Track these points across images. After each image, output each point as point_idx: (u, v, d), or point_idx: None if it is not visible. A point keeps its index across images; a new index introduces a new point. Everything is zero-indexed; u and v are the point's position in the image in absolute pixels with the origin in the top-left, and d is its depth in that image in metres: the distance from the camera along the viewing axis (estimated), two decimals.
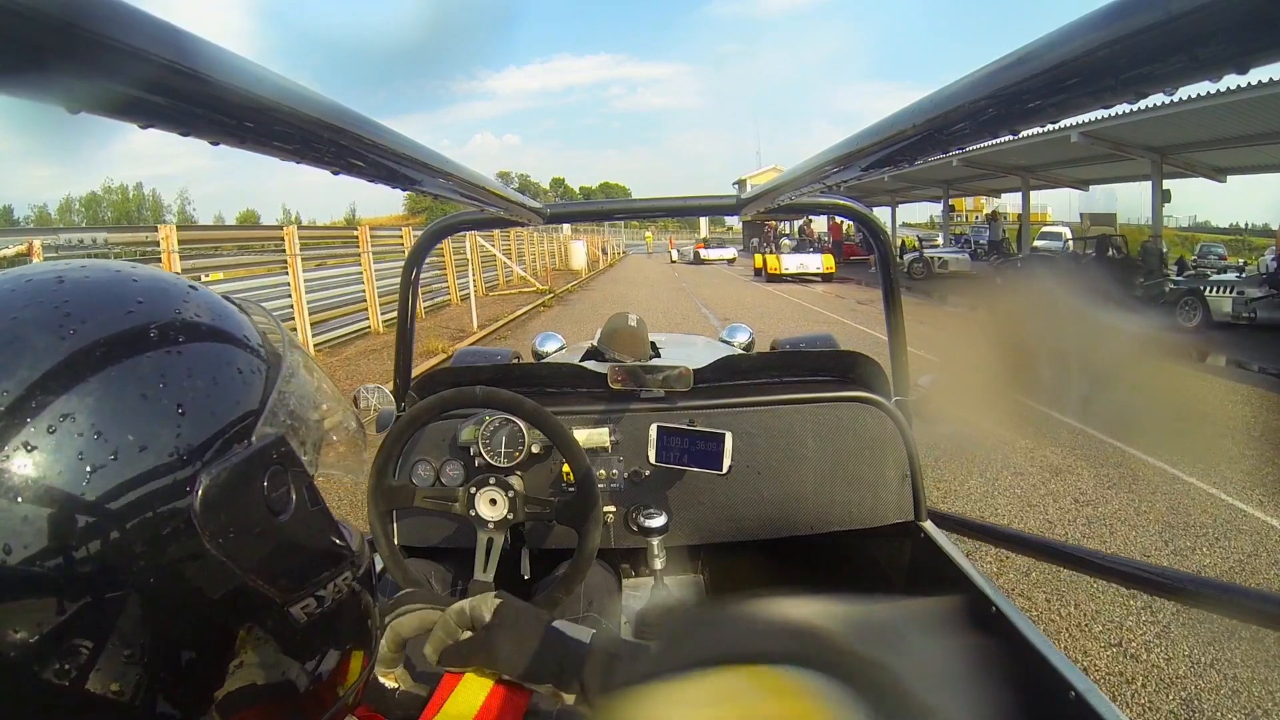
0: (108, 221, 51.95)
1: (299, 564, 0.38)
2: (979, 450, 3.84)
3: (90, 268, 0.38)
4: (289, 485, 0.38)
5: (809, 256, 18.08)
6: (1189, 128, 9.98)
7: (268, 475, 0.37)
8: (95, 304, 0.35)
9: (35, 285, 0.35)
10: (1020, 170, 15.75)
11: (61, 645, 0.30)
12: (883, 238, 1.41)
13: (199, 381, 0.36)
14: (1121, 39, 0.25)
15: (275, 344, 0.42)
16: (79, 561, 0.30)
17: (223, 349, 0.38)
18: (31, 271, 0.37)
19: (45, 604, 0.30)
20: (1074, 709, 0.77)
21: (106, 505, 0.31)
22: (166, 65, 0.27)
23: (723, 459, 1.23)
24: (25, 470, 0.30)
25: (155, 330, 0.35)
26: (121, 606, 0.31)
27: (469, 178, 0.67)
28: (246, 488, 0.35)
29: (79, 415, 0.32)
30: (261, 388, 0.39)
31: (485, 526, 1.08)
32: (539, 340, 2.54)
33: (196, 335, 0.37)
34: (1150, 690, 1.98)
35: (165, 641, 0.33)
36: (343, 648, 0.42)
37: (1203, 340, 7.97)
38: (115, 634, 0.31)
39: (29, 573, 0.29)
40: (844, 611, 0.41)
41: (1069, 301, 0.52)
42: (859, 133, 0.53)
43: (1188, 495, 3.33)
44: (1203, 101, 8.59)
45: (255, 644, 0.36)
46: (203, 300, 0.40)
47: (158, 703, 0.33)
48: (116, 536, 0.31)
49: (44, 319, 0.33)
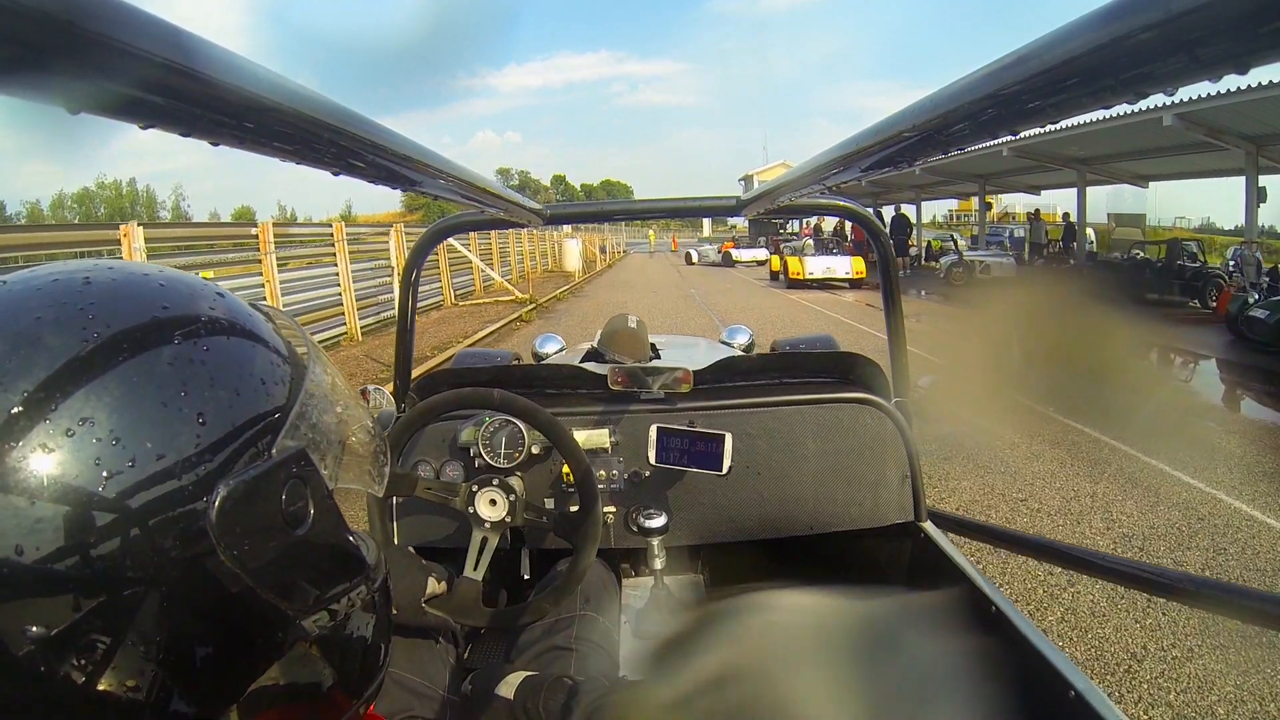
0: (101, 218, 51.70)
1: (314, 577, 0.38)
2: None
3: (118, 269, 0.38)
4: (307, 499, 0.37)
5: (836, 259, 15.72)
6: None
7: (286, 488, 0.36)
8: (119, 307, 0.35)
9: (61, 285, 0.35)
10: (1077, 163, 13.78)
11: (72, 647, 0.30)
12: (882, 239, 1.41)
13: (221, 391, 0.35)
14: (1121, 39, 0.25)
15: (300, 354, 0.42)
16: (91, 565, 0.30)
17: (247, 359, 0.38)
18: (60, 270, 0.37)
19: (56, 605, 0.30)
20: (1074, 709, 0.77)
21: (121, 512, 0.31)
22: (166, 65, 0.27)
23: (723, 460, 1.24)
24: (41, 471, 0.30)
25: (179, 337, 0.35)
26: (133, 611, 0.31)
27: (469, 178, 0.67)
28: (264, 500, 0.35)
29: (98, 420, 0.31)
30: (285, 399, 0.38)
31: (482, 525, 1.08)
32: (539, 342, 2.55)
33: (220, 344, 0.37)
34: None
35: (177, 648, 0.33)
36: (355, 658, 0.42)
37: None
38: (127, 637, 0.31)
39: (40, 573, 0.29)
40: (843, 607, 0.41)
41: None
42: (859, 133, 0.53)
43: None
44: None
45: (268, 653, 0.36)
46: (229, 307, 0.39)
47: (171, 706, 0.33)
48: (130, 543, 0.31)
49: (67, 320, 0.33)
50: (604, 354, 1.94)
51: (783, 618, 0.41)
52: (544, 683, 0.81)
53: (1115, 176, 14.45)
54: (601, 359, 1.93)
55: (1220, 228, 31.03)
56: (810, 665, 0.38)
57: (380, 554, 0.45)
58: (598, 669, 1.04)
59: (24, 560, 0.29)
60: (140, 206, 64.85)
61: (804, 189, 0.78)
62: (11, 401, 0.30)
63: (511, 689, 0.82)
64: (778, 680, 0.37)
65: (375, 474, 0.46)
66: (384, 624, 0.45)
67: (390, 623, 0.47)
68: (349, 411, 0.44)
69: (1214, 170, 12.15)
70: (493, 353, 2.75)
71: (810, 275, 15.41)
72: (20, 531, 0.29)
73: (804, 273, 15.51)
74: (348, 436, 0.43)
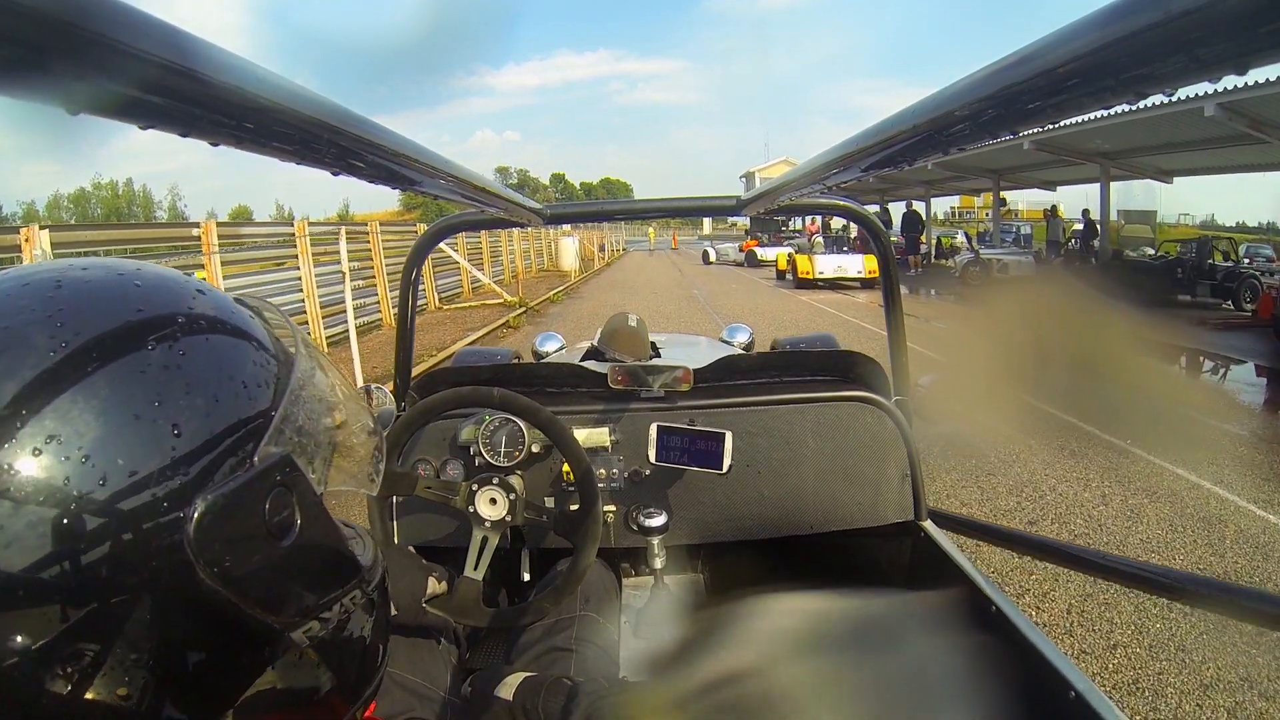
0: (97, 218, 51.44)
1: (304, 586, 0.36)
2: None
3: (93, 269, 0.36)
4: (294, 507, 0.35)
5: (847, 257, 14.64)
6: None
7: (270, 498, 0.34)
8: (91, 312, 0.33)
9: (31, 290, 0.34)
10: (1101, 157, 12.86)
11: (49, 662, 0.29)
12: (882, 238, 1.41)
13: (198, 399, 0.33)
14: (1121, 39, 0.25)
15: (287, 350, 0.40)
16: (64, 583, 0.29)
17: (226, 362, 0.36)
18: (32, 273, 0.35)
19: (27, 621, 0.29)
20: (1074, 709, 0.77)
21: (93, 533, 0.30)
22: (166, 65, 0.27)
23: (723, 459, 1.24)
24: (8, 492, 0.28)
25: (153, 342, 0.33)
26: (112, 627, 0.30)
27: (469, 178, 0.67)
28: (246, 513, 0.33)
29: (65, 437, 0.30)
30: (268, 403, 0.36)
31: (482, 525, 1.08)
32: (539, 340, 2.55)
33: (198, 347, 0.35)
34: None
35: (161, 662, 0.32)
36: (353, 661, 0.41)
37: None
38: (106, 652, 0.30)
39: (7, 592, 0.28)
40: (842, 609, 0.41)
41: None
42: (860, 133, 0.53)
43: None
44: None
45: (258, 663, 0.35)
46: (210, 306, 0.37)
47: (161, 716, 0.32)
48: (104, 561, 0.30)
49: (34, 328, 0.32)
50: (604, 352, 1.94)
51: (782, 620, 0.41)
52: (544, 683, 0.81)
53: (1139, 171, 13.67)
54: (601, 357, 1.93)
55: (1222, 224, 30.82)
56: (810, 667, 0.38)
57: (377, 552, 0.44)
58: (598, 670, 1.04)
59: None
60: (137, 207, 64.73)
61: (805, 188, 0.77)
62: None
63: (511, 690, 0.82)
64: (777, 681, 0.37)
65: (370, 474, 0.44)
66: (381, 625, 0.44)
67: (388, 623, 0.46)
68: (342, 410, 0.42)
69: (1247, 165, 11.41)
70: (493, 351, 2.76)
71: (820, 275, 14.61)
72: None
73: (814, 272, 14.71)
74: (339, 437, 0.41)
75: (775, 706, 0.36)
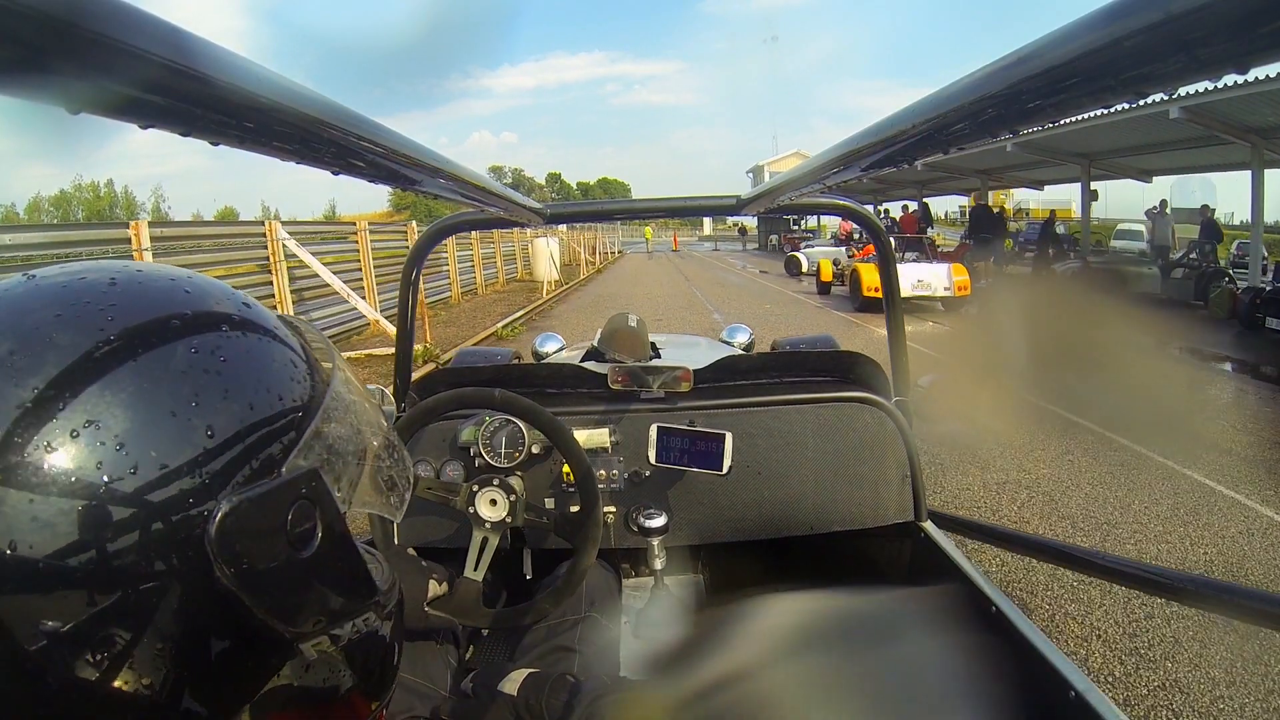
0: (80, 221, 50.98)
1: (317, 602, 0.37)
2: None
3: (147, 272, 0.37)
4: (316, 520, 0.36)
5: (929, 268, 10.31)
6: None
7: (294, 508, 0.35)
8: (140, 310, 0.35)
9: (88, 284, 0.35)
10: (1081, 158, 13.06)
11: (60, 650, 0.29)
12: (883, 239, 1.41)
13: (234, 405, 0.35)
14: (1121, 39, 0.25)
15: (324, 370, 0.41)
16: (86, 567, 0.30)
17: (265, 373, 0.37)
18: (91, 269, 0.37)
19: (48, 602, 0.29)
20: (1074, 709, 0.77)
21: (119, 517, 0.30)
22: (166, 65, 0.27)
23: (723, 459, 1.24)
24: (42, 469, 0.30)
25: (196, 346, 0.35)
26: (125, 619, 0.31)
27: (468, 178, 0.67)
28: (268, 519, 0.34)
29: (104, 422, 0.31)
30: (300, 417, 0.37)
31: (482, 526, 1.08)
32: (539, 341, 2.55)
33: (239, 357, 0.36)
34: None
35: (178, 655, 0.32)
36: (374, 663, 0.41)
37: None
38: (124, 640, 0.31)
39: (28, 570, 0.29)
40: (843, 610, 0.41)
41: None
42: (860, 132, 0.53)
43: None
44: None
45: (272, 662, 0.36)
46: (254, 319, 0.39)
47: (181, 705, 0.32)
48: (125, 550, 0.30)
49: (85, 319, 0.33)
50: (604, 353, 1.94)
51: (782, 621, 0.41)
52: (548, 680, 0.81)
53: (1120, 171, 13.92)
54: (602, 358, 1.93)
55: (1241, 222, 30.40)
56: (810, 667, 0.38)
57: (394, 575, 0.44)
58: (601, 669, 1.04)
59: (15, 556, 0.29)
60: (119, 209, 64.16)
61: (804, 188, 0.78)
62: (20, 397, 0.30)
63: (515, 685, 0.83)
64: (778, 681, 0.37)
65: (395, 501, 0.45)
66: (398, 629, 0.45)
67: (402, 627, 0.46)
68: (372, 435, 0.43)
69: (1218, 164, 11.71)
70: (493, 351, 2.75)
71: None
72: (15, 527, 0.29)
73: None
74: (368, 460, 0.42)
75: (775, 706, 0.36)
